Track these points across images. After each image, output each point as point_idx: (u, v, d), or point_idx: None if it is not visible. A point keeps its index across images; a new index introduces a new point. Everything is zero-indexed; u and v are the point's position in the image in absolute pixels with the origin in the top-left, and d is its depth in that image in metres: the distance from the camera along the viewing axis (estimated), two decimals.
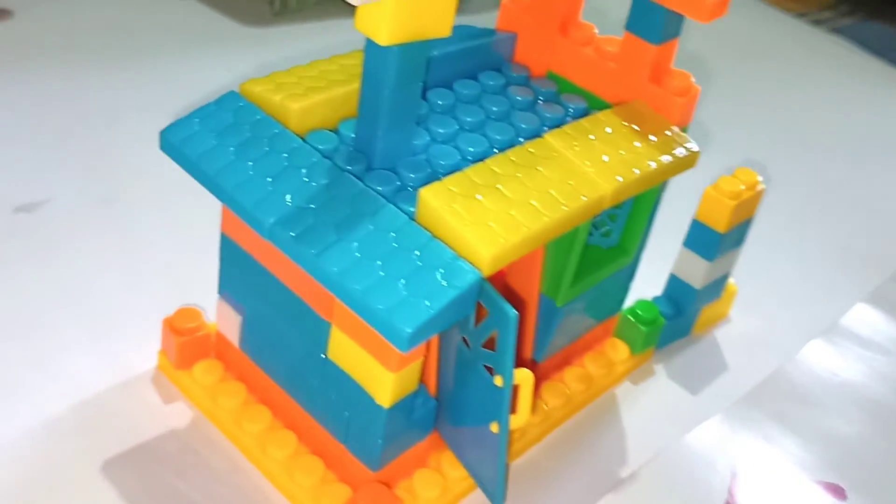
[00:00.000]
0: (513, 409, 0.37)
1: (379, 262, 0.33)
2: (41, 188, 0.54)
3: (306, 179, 0.35)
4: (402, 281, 0.32)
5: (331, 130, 0.39)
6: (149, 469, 0.40)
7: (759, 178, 0.49)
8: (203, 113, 0.37)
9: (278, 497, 0.40)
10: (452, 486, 0.41)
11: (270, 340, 0.40)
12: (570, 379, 0.47)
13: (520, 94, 0.43)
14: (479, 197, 0.35)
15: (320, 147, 0.37)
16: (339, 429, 0.39)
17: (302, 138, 0.37)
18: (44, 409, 0.42)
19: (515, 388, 0.36)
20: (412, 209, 0.35)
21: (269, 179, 0.35)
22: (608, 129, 0.40)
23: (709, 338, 0.53)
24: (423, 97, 0.41)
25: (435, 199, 0.34)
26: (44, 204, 0.53)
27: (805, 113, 0.79)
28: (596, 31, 0.44)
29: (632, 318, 0.49)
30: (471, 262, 0.33)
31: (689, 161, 0.41)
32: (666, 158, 0.40)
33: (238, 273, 0.40)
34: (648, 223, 0.45)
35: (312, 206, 0.34)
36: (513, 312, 0.33)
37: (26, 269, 0.49)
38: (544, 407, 0.45)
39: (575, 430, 0.46)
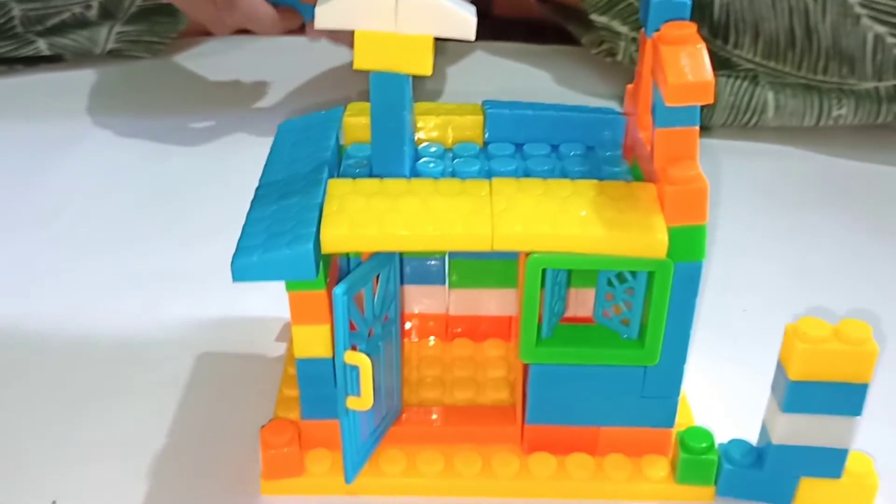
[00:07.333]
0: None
1: (274, 220, 0.41)
2: None
3: (306, 166, 0.45)
4: (269, 235, 0.41)
5: None
6: None
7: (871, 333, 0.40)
8: (315, 116, 0.50)
9: None
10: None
11: None
12: (574, 461, 0.45)
13: (572, 157, 0.45)
14: (369, 197, 0.41)
15: (358, 154, 0.47)
16: None
17: (343, 147, 0.47)
18: None
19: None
20: None
21: (290, 160, 0.46)
22: (591, 195, 0.41)
23: None
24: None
25: (333, 189, 0.41)
26: None
27: None
28: None
29: (677, 440, 0.45)
30: (323, 239, 0.40)
31: (648, 248, 0.39)
32: (615, 234, 0.39)
33: None
34: (678, 326, 0.42)
35: (289, 179, 0.44)
36: (338, 290, 0.39)
37: None
38: (524, 469, 0.45)
39: None
